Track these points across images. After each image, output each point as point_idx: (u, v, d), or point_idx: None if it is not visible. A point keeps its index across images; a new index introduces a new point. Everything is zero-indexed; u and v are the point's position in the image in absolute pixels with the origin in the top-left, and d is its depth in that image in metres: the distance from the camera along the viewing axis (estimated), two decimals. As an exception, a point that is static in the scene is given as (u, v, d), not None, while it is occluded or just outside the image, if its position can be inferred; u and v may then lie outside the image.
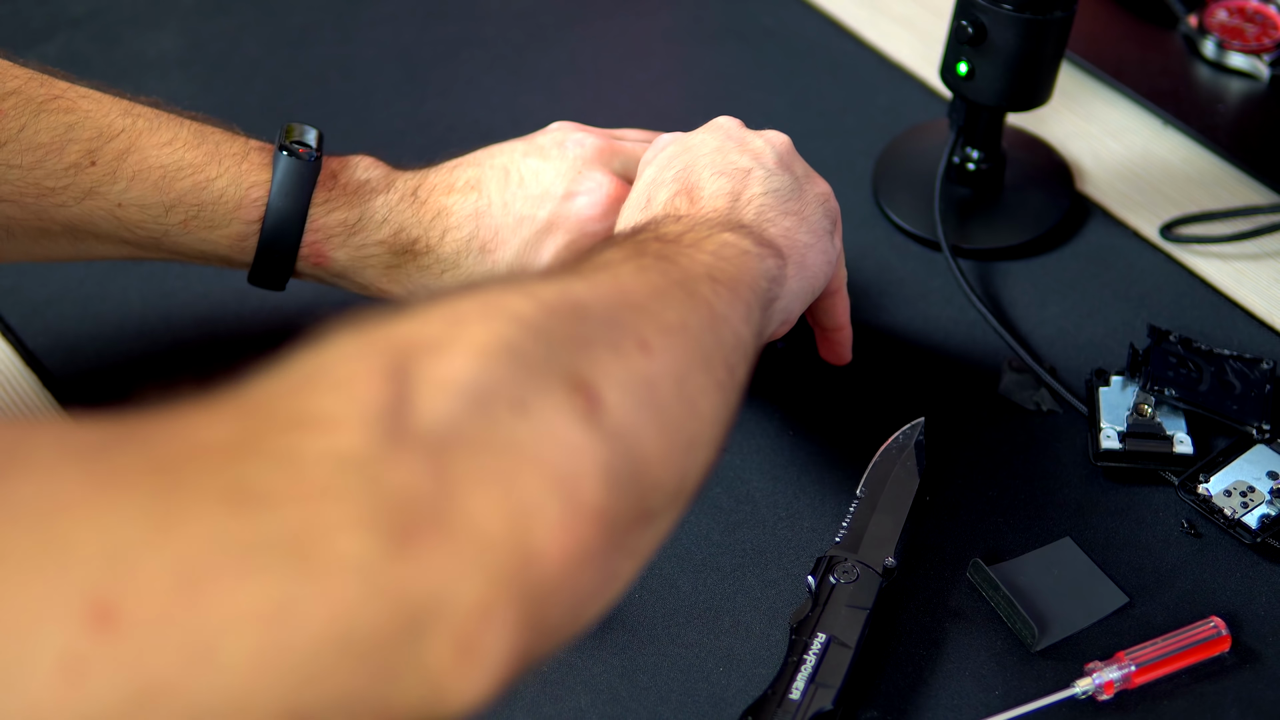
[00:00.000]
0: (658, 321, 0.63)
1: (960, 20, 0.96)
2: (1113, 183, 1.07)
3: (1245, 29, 1.12)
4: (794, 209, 0.82)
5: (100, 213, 0.85)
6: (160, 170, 0.85)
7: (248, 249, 0.88)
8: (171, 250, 0.88)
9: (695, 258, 0.71)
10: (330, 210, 0.88)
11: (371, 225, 0.88)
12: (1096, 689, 0.80)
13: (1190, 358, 0.93)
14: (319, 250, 0.88)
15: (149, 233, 0.86)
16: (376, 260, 0.89)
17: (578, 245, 0.85)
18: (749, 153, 0.83)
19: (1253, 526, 0.87)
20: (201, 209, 0.86)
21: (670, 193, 0.81)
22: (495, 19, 1.19)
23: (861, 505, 0.87)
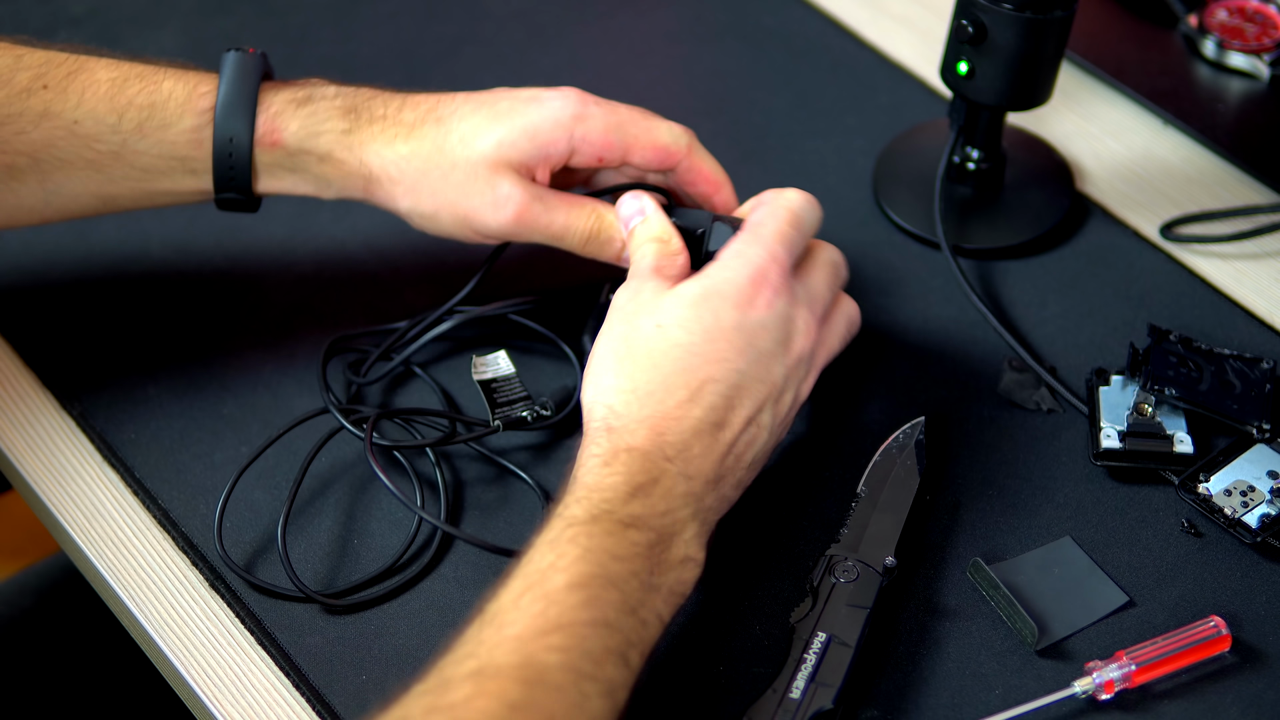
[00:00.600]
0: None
1: (960, 20, 0.96)
2: (1113, 182, 1.07)
3: (1245, 29, 1.12)
4: (748, 481, 0.85)
5: (59, 133, 0.88)
6: (109, 82, 0.89)
7: (203, 141, 0.89)
8: (132, 164, 0.89)
9: (647, 627, 0.77)
10: (278, 90, 0.90)
11: (322, 99, 0.91)
12: (1097, 688, 0.80)
13: (1190, 357, 0.93)
14: (272, 128, 0.89)
15: (108, 146, 0.89)
16: (330, 126, 0.90)
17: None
18: (780, 402, 0.85)
19: (1253, 526, 0.87)
20: (153, 109, 0.89)
21: (708, 414, 0.82)
22: (495, 18, 1.19)
23: (861, 505, 0.87)
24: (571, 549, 0.75)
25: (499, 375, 0.93)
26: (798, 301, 0.85)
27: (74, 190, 0.91)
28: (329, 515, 0.90)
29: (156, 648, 0.86)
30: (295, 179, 0.92)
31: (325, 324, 0.98)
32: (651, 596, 0.77)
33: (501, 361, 0.94)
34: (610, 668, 0.73)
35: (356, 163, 0.90)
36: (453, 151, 0.90)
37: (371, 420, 0.89)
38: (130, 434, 0.94)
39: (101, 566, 0.89)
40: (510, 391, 0.92)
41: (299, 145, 0.90)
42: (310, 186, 0.92)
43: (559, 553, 0.75)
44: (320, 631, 0.85)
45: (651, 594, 0.77)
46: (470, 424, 0.92)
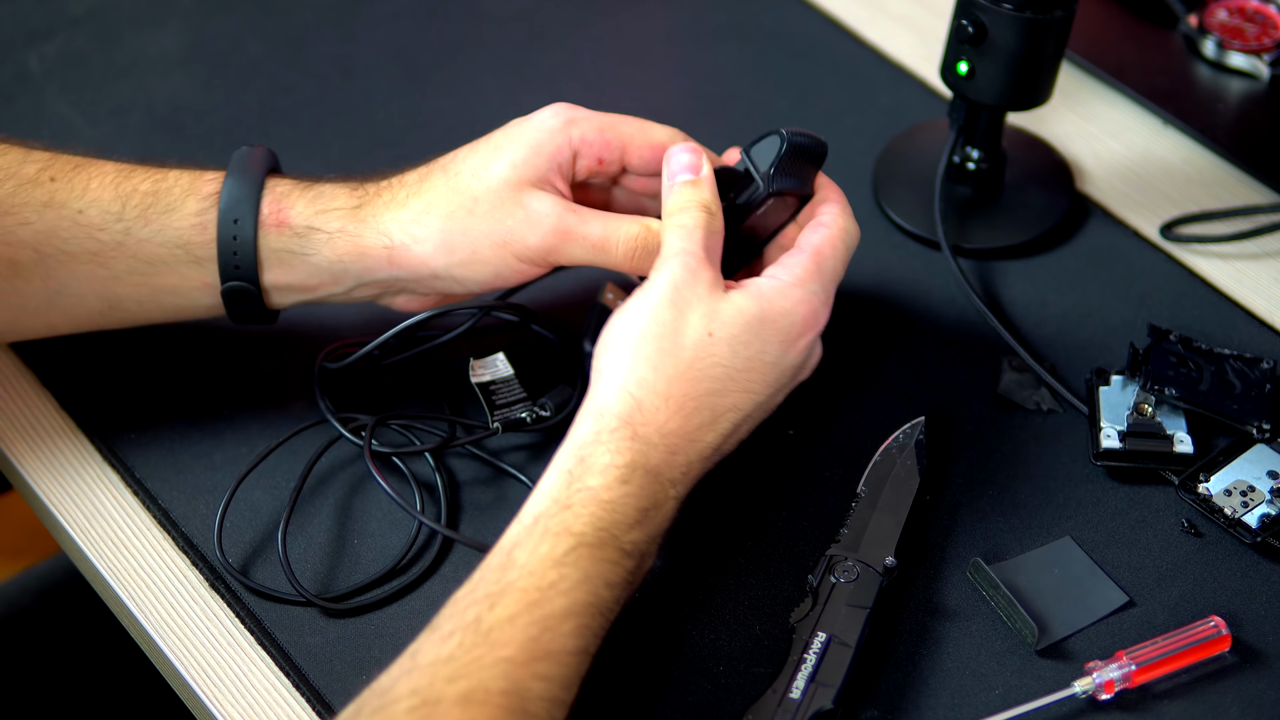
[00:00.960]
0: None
1: (960, 20, 0.96)
2: (1113, 182, 1.07)
3: (1245, 29, 1.12)
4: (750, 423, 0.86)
5: (63, 223, 0.87)
6: (115, 172, 0.88)
7: (208, 225, 0.87)
8: (136, 254, 0.87)
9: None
10: (283, 179, 0.89)
11: (325, 185, 0.89)
12: (1097, 688, 0.80)
13: (1190, 357, 0.93)
14: (278, 208, 0.87)
15: (111, 235, 0.87)
16: (339, 204, 0.88)
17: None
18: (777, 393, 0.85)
19: (1253, 526, 0.87)
20: (157, 196, 0.87)
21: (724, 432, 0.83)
22: (495, 19, 1.19)
23: (861, 505, 0.87)
24: (574, 572, 0.76)
25: (498, 377, 0.93)
26: (818, 342, 0.88)
27: (78, 289, 0.89)
28: (328, 517, 0.90)
29: (156, 648, 0.86)
30: (306, 268, 0.88)
31: (325, 325, 0.98)
32: (619, 609, 0.79)
33: (500, 363, 0.94)
34: (576, 690, 0.75)
35: (374, 234, 0.87)
36: (470, 188, 0.87)
37: (370, 426, 0.89)
38: (130, 434, 0.94)
39: (101, 566, 0.89)
40: (509, 393, 0.92)
41: (307, 223, 0.87)
42: (323, 276, 0.89)
43: (562, 575, 0.76)
44: (320, 632, 0.86)
45: (620, 608, 0.79)
46: (469, 427, 0.92)
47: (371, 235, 0.87)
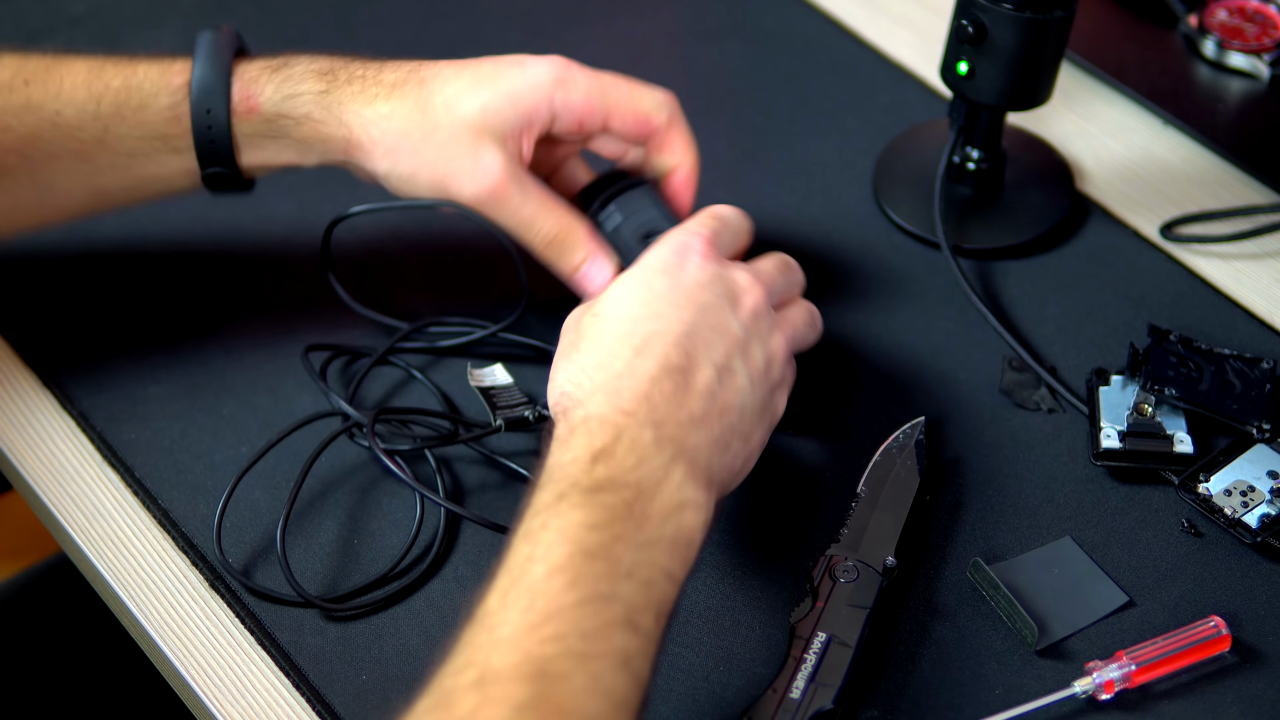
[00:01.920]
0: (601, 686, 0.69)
1: (960, 19, 0.96)
2: (1113, 183, 1.07)
3: (1245, 29, 1.12)
4: (753, 436, 0.82)
5: (42, 126, 0.89)
6: (86, 71, 0.90)
7: (181, 116, 0.90)
8: (115, 149, 0.90)
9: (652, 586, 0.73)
10: (253, 60, 0.91)
11: (296, 65, 0.91)
12: (1097, 688, 0.80)
13: (1190, 357, 0.93)
14: (247, 95, 0.90)
15: (90, 134, 0.89)
16: (306, 88, 0.90)
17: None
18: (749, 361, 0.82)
19: (1253, 526, 0.87)
20: (129, 92, 0.90)
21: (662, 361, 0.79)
22: (495, 19, 1.19)
23: (861, 505, 0.87)
24: (545, 535, 0.73)
25: (496, 384, 0.93)
26: (734, 266, 0.84)
27: (65, 185, 0.91)
28: (329, 517, 0.90)
29: (156, 648, 0.86)
30: (276, 147, 0.91)
31: (325, 324, 0.98)
32: (648, 554, 0.74)
33: (498, 373, 0.94)
34: (617, 639, 0.71)
35: (335, 123, 0.90)
36: (435, 113, 0.89)
37: (371, 419, 0.89)
38: (130, 434, 0.94)
39: (101, 566, 0.89)
40: (510, 397, 0.92)
41: (275, 110, 0.90)
42: (292, 154, 0.92)
43: (534, 542, 0.73)
44: (320, 632, 0.85)
45: (647, 551, 0.74)
46: (471, 425, 0.92)
47: (334, 124, 0.90)
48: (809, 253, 1.03)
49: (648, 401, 0.78)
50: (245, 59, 0.92)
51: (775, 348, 0.84)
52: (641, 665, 0.71)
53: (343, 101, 0.90)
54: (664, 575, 0.74)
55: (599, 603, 0.72)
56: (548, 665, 0.70)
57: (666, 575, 0.74)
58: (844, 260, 1.02)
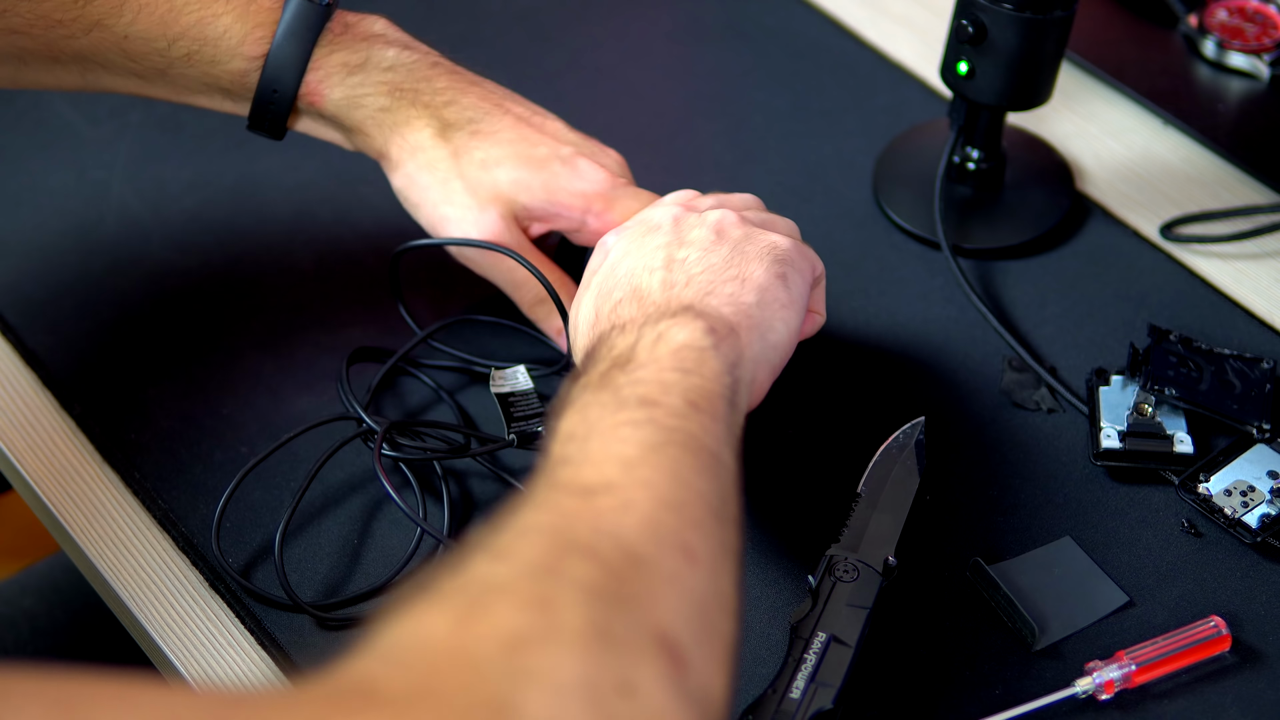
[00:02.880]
0: (687, 514, 0.65)
1: (960, 20, 0.96)
2: (1113, 183, 1.07)
3: (1245, 29, 1.12)
4: (734, 274, 0.81)
5: (107, 44, 0.88)
6: (166, 4, 0.88)
7: (248, 85, 0.90)
8: (174, 83, 0.91)
9: (667, 382, 0.71)
10: (333, 52, 0.90)
11: (375, 69, 0.91)
12: (1097, 688, 0.80)
13: (1190, 357, 0.93)
14: (316, 90, 0.90)
15: (153, 64, 0.89)
16: (370, 103, 0.91)
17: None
18: (686, 243, 0.83)
19: (1253, 526, 0.87)
20: (204, 44, 0.89)
21: (620, 301, 0.81)
22: (495, 19, 1.19)
23: (861, 505, 0.87)
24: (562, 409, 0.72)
25: (517, 389, 0.93)
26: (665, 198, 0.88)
27: (113, 85, 0.92)
28: (333, 522, 0.90)
29: (156, 648, 0.86)
30: (324, 128, 0.93)
31: (325, 324, 0.99)
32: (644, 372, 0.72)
33: (520, 376, 0.93)
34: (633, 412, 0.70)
35: (381, 139, 0.91)
36: (465, 169, 0.91)
37: (381, 432, 0.88)
38: (130, 434, 0.94)
39: (101, 566, 0.89)
40: (527, 406, 0.92)
41: (335, 110, 0.91)
42: (335, 137, 0.94)
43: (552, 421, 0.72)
44: (320, 632, 0.85)
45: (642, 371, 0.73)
46: (484, 438, 0.92)
47: (379, 139, 0.91)
48: (809, 253, 1.03)
49: (637, 299, 0.80)
50: (329, 43, 0.90)
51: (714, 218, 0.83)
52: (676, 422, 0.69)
53: (396, 124, 0.91)
54: (675, 373, 0.72)
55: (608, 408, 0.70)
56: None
57: (679, 372, 0.72)
58: (844, 260, 1.02)
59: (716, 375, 0.74)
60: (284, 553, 0.87)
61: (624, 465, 0.66)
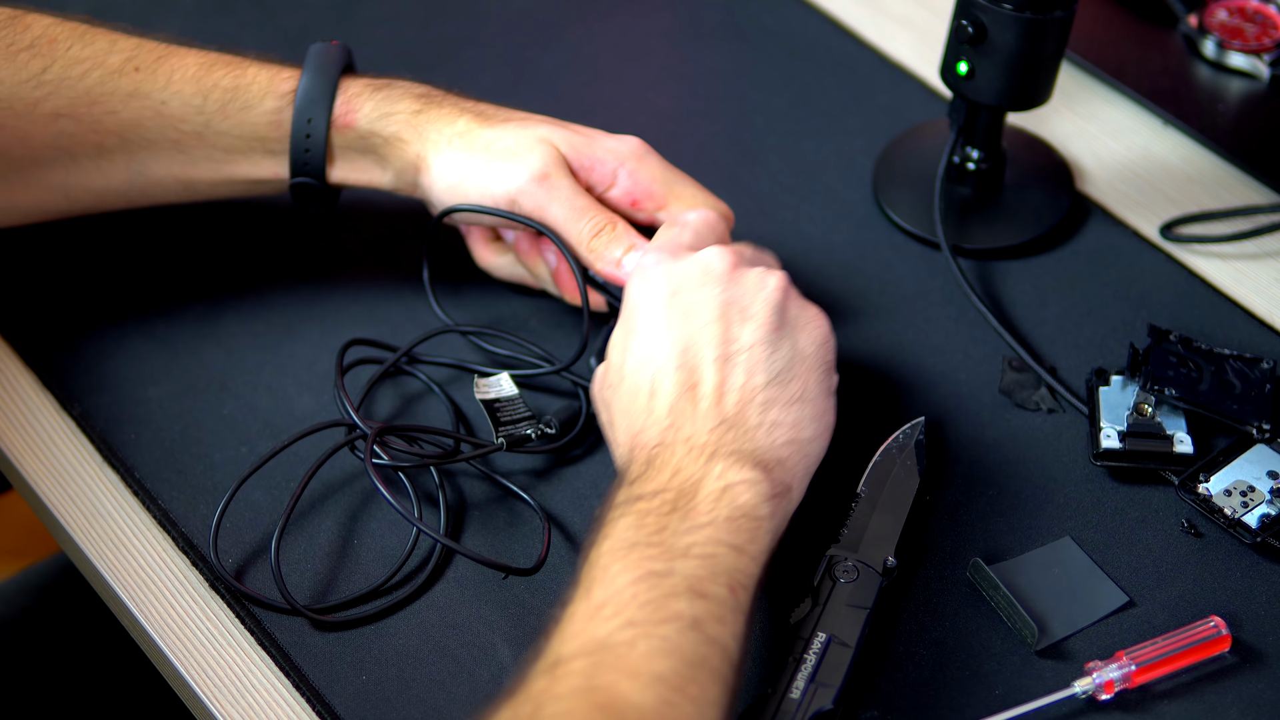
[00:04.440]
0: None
1: (960, 20, 0.96)
2: (1113, 183, 1.07)
3: (1245, 29, 1.12)
4: (796, 391, 0.82)
5: (146, 113, 0.91)
6: (197, 66, 0.92)
7: (283, 123, 0.92)
8: (214, 145, 0.92)
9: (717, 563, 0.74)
10: (358, 78, 0.94)
11: (400, 86, 0.94)
12: (1097, 688, 0.80)
13: (1190, 357, 0.93)
14: (347, 109, 0.92)
15: (192, 126, 0.92)
16: (402, 108, 0.92)
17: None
18: (746, 315, 0.83)
19: (1253, 526, 0.87)
20: (237, 92, 0.92)
21: (674, 390, 0.81)
22: (496, 19, 1.19)
23: (861, 505, 0.87)
24: (598, 546, 0.75)
25: (502, 395, 0.93)
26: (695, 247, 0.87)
27: (158, 173, 0.94)
28: (329, 524, 0.90)
29: (156, 648, 0.86)
30: (364, 162, 0.94)
31: (325, 325, 0.99)
32: (703, 534, 0.75)
33: (504, 383, 0.93)
34: (680, 605, 0.71)
35: (418, 139, 0.92)
36: (503, 132, 0.92)
37: (371, 437, 0.88)
38: (130, 434, 0.94)
39: (101, 566, 0.89)
40: (514, 411, 0.92)
41: (369, 127, 0.92)
42: (375, 171, 0.94)
43: (589, 556, 0.75)
44: (320, 632, 0.85)
45: (701, 532, 0.75)
46: (475, 443, 0.91)
47: (416, 140, 0.92)
48: (809, 253, 1.03)
49: (672, 428, 0.80)
50: (352, 75, 0.94)
51: (772, 291, 0.84)
52: (716, 629, 0.72)
53: (431, 121, 0.92)
54: (727, 548, 0.75)
55: (654, 579, 0.72)
56: (609, 638, 0.70)
57: (730, 548, 0.75)
58: (844, 260, 1.02)
59: (760, 553, 0.76)
60: (280, 555, 0.86)
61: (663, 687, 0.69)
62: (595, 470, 0.92)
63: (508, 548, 0.89)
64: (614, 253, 0.91)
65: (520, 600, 0.86)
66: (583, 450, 0.93)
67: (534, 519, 0.90)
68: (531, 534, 0.89)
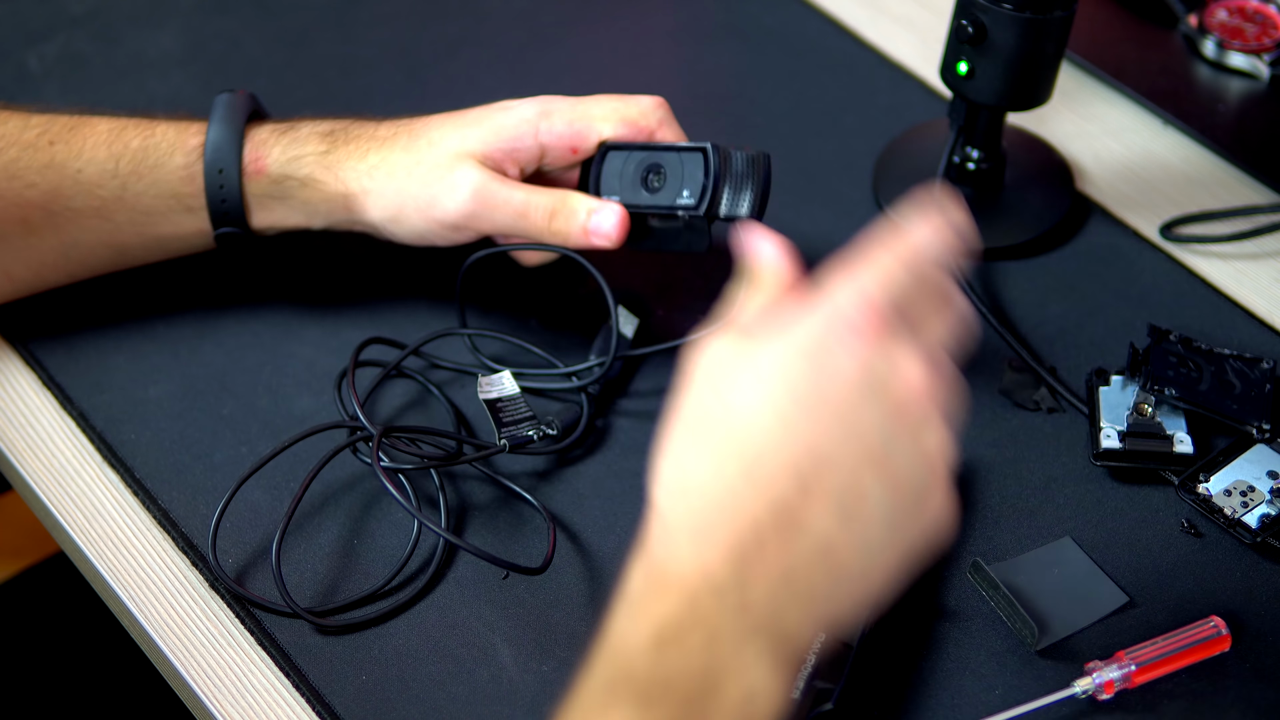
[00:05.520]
0: None
1: (960, 20, 0.96)
2: (1113, 183, 1.07)
3: (1245, 29, 1.12)
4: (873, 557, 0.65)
5: (65, 183, 0.92)
6: (107, 131, 0.94)
7: (195, 176, 0.93)
8: (134, 208, 0.93)
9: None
10: (262, 124, 0.95)
11: (304, 127, 0.94)
12: (1096, 688, 0.80)
13: (1190, 357, 0.93)
14: (256, 157, 0.93)
15: (109, 191, 0.92)
16: (310, 149, 0.93)
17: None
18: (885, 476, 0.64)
19: (1253, 526, 0.87)
20: (147, 151, 0.93)
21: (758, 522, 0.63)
22: (495, 19, 1.19)
23: (861, 505, 0.87)
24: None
25: (504, 395, 0.93)
26: (900, 348, 0.65)
27: (88, 242, 0.94)
28: (330, 525, 0.90)
29: (156, 648, 0.86)
30: (284, 209, 0.94)
31: (325, 325, 0.99)
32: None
33: (506, 381, 0.93)
34: None
35: (335, 180, 0.93)
36: (420, 152, 0.92)
37: (376, 437, 0.87)
38: (130, 434, 0.94)
39: (101, 566, 0.89)
40: (515, 411, 0.92)
41: (281, 171, 0.93)
42: (299, 215, 0.94)
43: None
44: (320, 632, 0.85)
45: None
46: (477, 445, 0.91)
47: (334, 182, 0.93)
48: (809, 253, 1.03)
49: (738, 558, 0.63)
50: (258, 122, 0.95)
51: (929, 447, 0.65)
52: None
53: (341, 160, 0.93)
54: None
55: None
56: None
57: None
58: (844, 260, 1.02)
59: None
60: (281, 556, 0.86)
61: None
62: (596, 470, 0.92)
63: (509, 548, 0.89)
64: (575, 225, 0.91)
65: (520, 601, 0.86)
66: (583, 451, 0.93)
67: (535, 519, 0.89)
68: (533, 534, 0.89)
